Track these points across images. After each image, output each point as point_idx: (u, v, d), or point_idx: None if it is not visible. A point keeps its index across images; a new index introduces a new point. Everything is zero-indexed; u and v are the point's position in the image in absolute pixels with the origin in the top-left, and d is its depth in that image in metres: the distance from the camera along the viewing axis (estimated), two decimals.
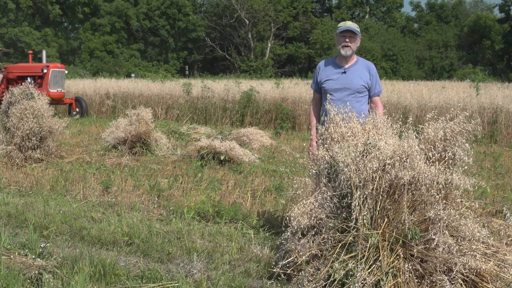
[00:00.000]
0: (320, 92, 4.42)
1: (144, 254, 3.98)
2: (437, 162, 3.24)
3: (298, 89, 16.16)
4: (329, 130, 3.57)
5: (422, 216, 3.12)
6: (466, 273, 2.96)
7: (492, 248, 3.12)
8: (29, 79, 14.59)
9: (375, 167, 3.10)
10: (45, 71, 14.85)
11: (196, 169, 7.05)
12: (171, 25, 51.36)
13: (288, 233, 3.33)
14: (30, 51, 18.51)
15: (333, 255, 3.11)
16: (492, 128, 11.72)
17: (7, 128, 7.55)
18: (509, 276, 3.02)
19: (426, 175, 3.08)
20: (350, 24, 4.30)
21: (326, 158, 3.41)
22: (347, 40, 4.27)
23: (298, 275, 3.23)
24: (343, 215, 3.23)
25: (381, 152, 3.14)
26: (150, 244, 4.15)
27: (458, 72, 45.24)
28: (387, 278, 2.97)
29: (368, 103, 4.36)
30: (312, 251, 3.20)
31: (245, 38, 52.02)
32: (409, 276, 2.99)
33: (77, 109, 15.71)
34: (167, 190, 5.83)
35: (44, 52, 16.86)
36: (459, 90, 15.35)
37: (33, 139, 7.36)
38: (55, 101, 14.54)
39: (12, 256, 3.60)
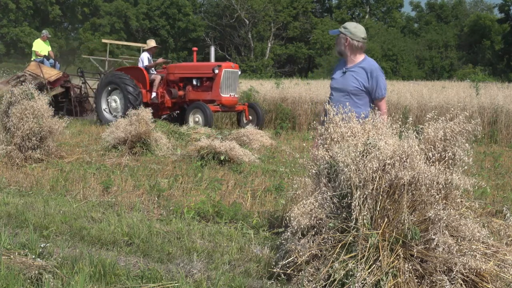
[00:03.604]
0: None
1: (144, 254, 3.98)
2: (437, 162, 3.24)
3: (298, 89, 16.17)
4: (329, 130, 3.57)
5: (422, 216, 3.12)
6: (466, 273, 2.96)
7: (492, 248, 3.12)
8: (194, 81, 12.89)
9: (375, 167, 3.10)
10: (216, 71, 12.46)
11: (196, 169, 7.05)
12: (171, 25, 51.38)
13: (288, 233, 3.33)
14: (195, 48, 15.73)
15: (333, 255, 3.11)
16: (492, 128, 11.73)
17: (7, 128, 7.54)
18: (509, 276, 3.02)
19: (426, 175, 3.08)
20: (332, 29, 4.54)
21: (326, 158, 3.41)
22: (336, 42, 4.46)
23: (298, 275, 3.23)
24: (343, 215, 3.23)
25: (381, 152, 3.14)
26: (150, 244, 4.15)
27: (458, 72, 45.23)
28: (387, 278, 2.97)
29: (370, 106, 4.33)
30: (312, 251, 3.20)
31: (245, 38, 52.03)
32: (409, 276, 2.99)
33: (250, 117, 13.17)
34: (167, 190, 5.83)
35: (212, 49, 14.25)
36: (459, 90, 15.35)
37: (33, 139, 7.35)
38: (227, 108, 12.75)
39: (12, 256, 3.60)
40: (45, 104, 7.62)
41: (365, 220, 3.09)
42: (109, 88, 13.35)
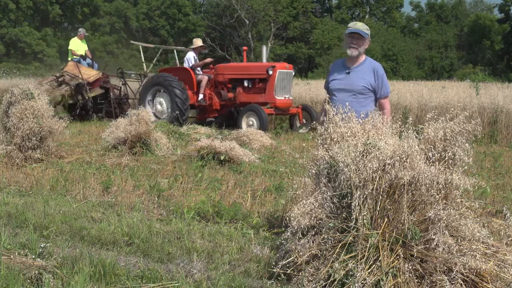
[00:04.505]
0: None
1: (144, 254, 3.98)
2: (437, 162, 3.24)
3: (298, 89, 16.18)
4: (329, 130, 3.57)
5: (422, 216, 3.12)
6: (466, 273, 2.96)
7: (492, 248, 3.12)
8: (245, 83, 12.21)
9: (375, 167, 3.10)
10: (270, 72, 11.76)
11: (196, 169, 7.05)
12: (171, 25, 51.37)
13: (288, 233, 3.33)
14: (245, 47, 14.79)
15: (333, 255, 3.11)
16: (492, 128, 11.72)
17: (7, 128, 7.54)
18: (509, 276, 3.02)
19: (426, 175, 3.08)
20: (359, 26, 4.32)
21: (326, 158, 3.41)
22: (354, 42, 4.29)
23: (298, 275, 3.23)
24: (343, 215, 3.23)
25: (381, 152, 3.14)
26: (150, 244, 4.15)
27: (458, 72, 45.25)
28: (387, 278, 2.97)
29: (374, 105, 4.36)
30: (312, 251, 3.20)
31: (245, 38, 52.02)
32: (409, 276, 2.99)
33: (304, 121, 12.65)
34: (167, 190, 5.83)
35: (264, 48, 13.44)
36: (459, 90, 15.35)
37: (33, 139, 7.35)
38: (281, 111, 12.28)
39: (12, 256, 3.60)
40: (45, 104, 7.62)
41: (365, 220, 3.09)
42: (155, 90, 12.77)
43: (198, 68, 12.90)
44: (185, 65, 12.91)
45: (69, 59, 14.74)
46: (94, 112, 14.01)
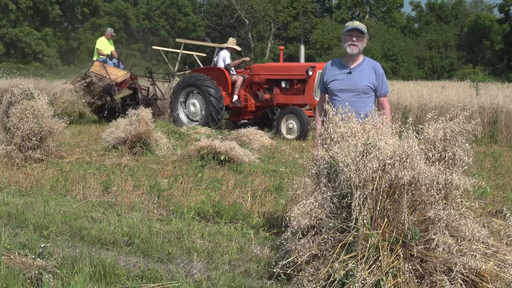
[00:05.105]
0: (326, 92, 4.43)
1: (144, 254, 3.98)
2: (437, 162, 3.24)
3: None
4: (329, 130, 3.57)
5: (422, 216, 3.12)
6: (466, 273, 2.96)
7: (492, 248, 3.12)
8: (283, 83, 11.59)
9: (375, 167, 3.10)
10: (310, 73, 11.07)
11: (196, 169, 7.05)
12: (171, 25, 51.38)
13: (288, 233, 3.33)
14: (282, 46, 13.74)
15: (333, 255, 3.11)
16: (492, 128, 11.72)
17: (7, 128, 7.54)
18: (509, 276, 3.02)
19: (426, 175, 3.08)
20: (357, 24, 4.32)
21: (326, 158, 3.41)
22: (354, 39, 4.28)
23: (298, 275, 3.23)
24: (343, 215, 3.23)
25: (381, 152, 3.14)
26: (150, 244, 4.15)
27: (458, 72, 45.25)
28: (387, 278, 2.97)
29: (374, 103, 4.36)
30: (312, 251, 3.20)
31: (245, 38, 52.03)
32: (409, 276, 2.99)
33: None
34: (167, 190, 5.83)
35: (302, 48, 12.97)
36: (459, 90, 15.34)
37: (33, 139, 7.35)
38: None
39: (12, 256, 3.60)
40: (45, 104, 7.62)
41: (365, 220, 3.09)
42: (188, 91, 12.37)
43: (232, 68, 12.50)
44: (219, 64, 12.46)
45: (94, 58, 14.39)
46: (122, 114, 13.54)
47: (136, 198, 5.52)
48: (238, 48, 12.75)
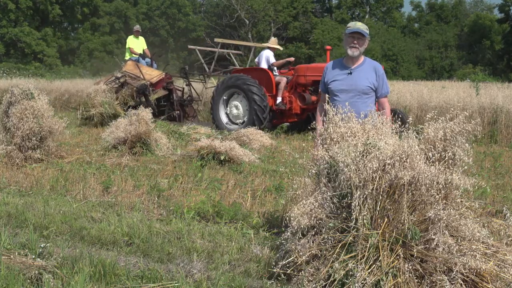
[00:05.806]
0: (327, 92, 4.44)
1: (144, 254, 3.98)
2: (437, 162, 3.24)
3: None
4: (329, 130, 3.57)
5: (422, 216, 3.12)
6: (466, 273, 2.96)
7: (492, 248, 3.12)
8: None
9: (375, 167, 3.10)
10: None
11: (196, 169, 7.05)
12: (171, 25, 51.36)
13: (288, 233, 3.33)
14: (329, 46, 13.21)
15: (333, 255, 3.11)
16: (492, 128, 11.70)
17: (7, 128, 7.54)
18: (509, 276, 3.02)
19: (426, 175, 3.08)
20: (359, 26, 4.31)
21: (326, 158, 3.41)
22: (355, 42, 4.29)
23: (298, 275, 3.24)
24: (343, 215, 3.23)
25: (381, 152, 3.14)
26: (150, 244, 4.16)
27: (458, 72, 45.23)
28: (387, 278, 2.97)
29: (374, 104, 4.37)
30: (312, 251, 3.20)
31: (245, 38, 52.02)
32: (409, 276, 2.99)
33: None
34: (167, 190, 5.84)
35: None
36: (459, 90, 15.33)
37: (33, 139, 7.35)
38: None
39: (12, 256, 3.60)
40: (45, 104, 7.62)
41: (365, 220, 3.09)
42: (231, 92, 11.94)
43: (275, 69, 12.09)
44: (262, 65, 12.06)
45: (127, 58, 13.98)
46: (156, 115, 12.43)
47: (136, 198, 5.52)
48: (280, 48, 12.38)
